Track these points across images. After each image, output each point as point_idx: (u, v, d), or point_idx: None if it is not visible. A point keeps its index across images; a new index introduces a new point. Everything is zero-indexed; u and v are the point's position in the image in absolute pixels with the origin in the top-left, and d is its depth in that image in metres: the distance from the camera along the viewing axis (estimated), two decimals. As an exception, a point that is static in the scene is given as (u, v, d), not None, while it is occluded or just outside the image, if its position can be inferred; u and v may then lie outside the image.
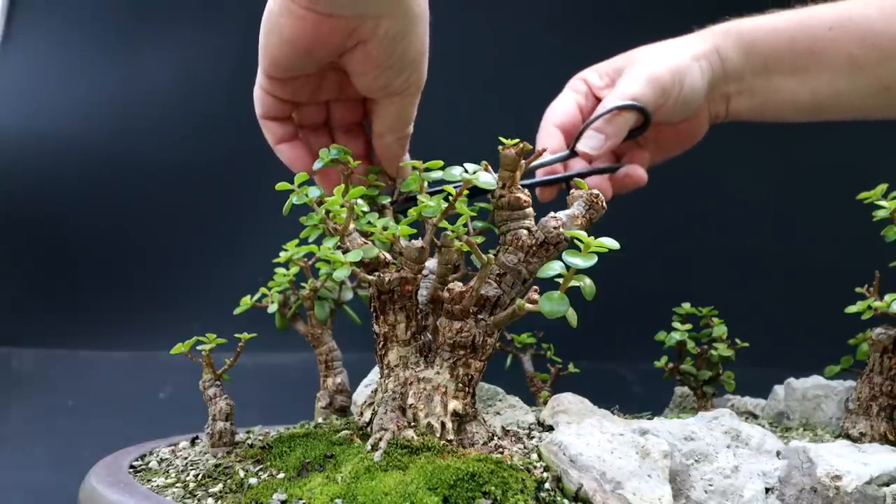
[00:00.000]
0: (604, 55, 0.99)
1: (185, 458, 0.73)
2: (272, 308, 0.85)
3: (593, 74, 0.98)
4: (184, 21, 1.48)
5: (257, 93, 0.77)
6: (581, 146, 0.91)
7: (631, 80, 0.91)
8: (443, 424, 0.64)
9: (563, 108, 0.96)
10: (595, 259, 0.57)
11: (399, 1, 0.68)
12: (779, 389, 0.92)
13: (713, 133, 1.00)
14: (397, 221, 0.67)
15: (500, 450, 0.64)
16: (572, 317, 0.60)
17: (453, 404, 0.65)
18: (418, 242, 0.65)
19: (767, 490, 0.63)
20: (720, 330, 0.93)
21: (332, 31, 0.68)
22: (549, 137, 0.94)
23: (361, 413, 0.71)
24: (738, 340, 0.93)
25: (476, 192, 0.75)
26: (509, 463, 0.59)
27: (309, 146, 0.81)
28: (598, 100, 0.96)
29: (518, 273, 0.66)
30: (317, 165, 0.75)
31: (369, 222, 0.67)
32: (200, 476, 0.65)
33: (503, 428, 0.71)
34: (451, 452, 0.61)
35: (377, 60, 0.71)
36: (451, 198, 0.65)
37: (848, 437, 0.77)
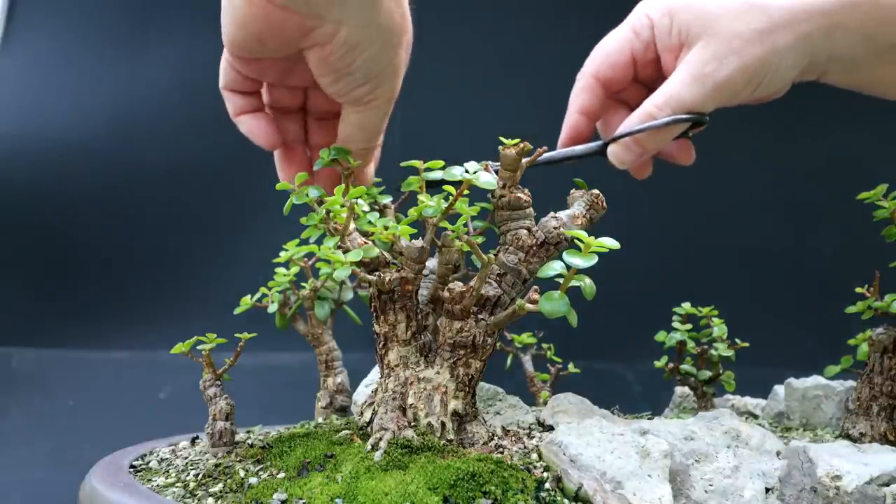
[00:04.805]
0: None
1: (186, 457, 0.73)
2: (272, 308, 0.85)
3: (663, 19, 0.76)
4: (184, 21, 1.49)
5: (222, 63, 0.73)
6: (612, 154, 0.78)
7: (691, 82, 0.73)
8: (443, 424, 0.64)
9: (612, 54, 0.80)
10: (595, 259, 0.58)
11: (363, 10, 0.65)
12: (779, 389, 0.92)
13: (713, 132, 0.99)
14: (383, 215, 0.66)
15: (501, 450, 0.64)
16: (572, 317, 0.60)
17: (453, 404, 0.65)
18: (419, 242, 0.65)
19: (767, 490, 0.63)
20: (720, 330, 0.92)
21: (283, 24, 0.65)
22: (585, 92, 0.81)
23: (362, 413, 0.71)
24: (738, 340, 0.93)
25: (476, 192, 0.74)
26: (509, 463, 0.59)
27: (276, 123, 0.77)
28: (657, 58, 0.79)
29: (518, 273, 0.67)
30: (317, 166, 0.75)
31: (370, 222, 0.67)
32: (201, 476, 0.65)
33: (503, 428, 0.71)
34: (451, 452, 0.61)
35: (334, 66, 0.68)
36: (451, 197, 0.65)
37: (848, 437, 0.77)
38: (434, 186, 0.72)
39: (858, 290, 0.81)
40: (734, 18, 0.72)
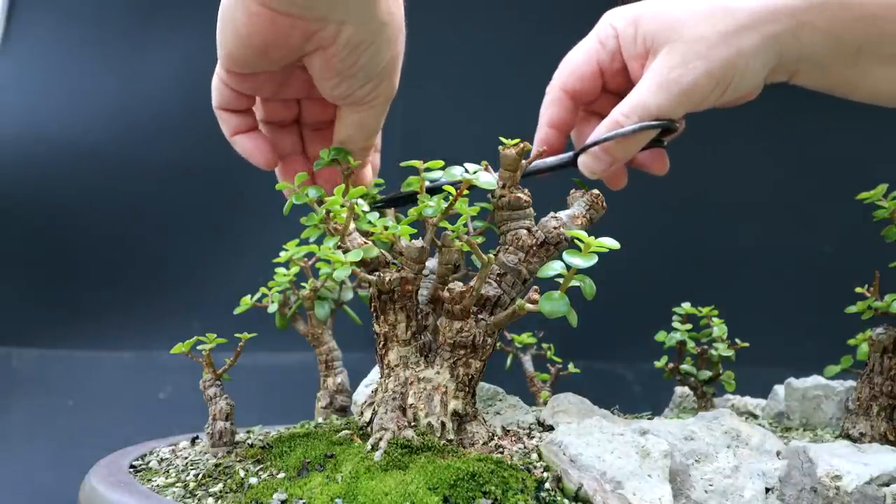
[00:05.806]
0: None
1: (186, 457, 0.73)
2: (272, 308, 0.85)
3: (628, 28, 0.76)
4: (185, 21, 1.48)
5: (215, 82, 0.73)
6: (581, 164, 0.77)
7: (657, 89, 0.71)
8: (443, 424, 0.64)
9: (579, 66, 0.79)
10: (595, 259, 0.58)
11: (364, 8, 0.64)
12: (779, 389, 0.92)
13: (712, 132, 0.99)
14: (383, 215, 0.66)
15: (501, 450, 0.64)
16: (572, 317, 0.60)
17: (453, 404, 0.65)
18: (419, 242, 0.65)
19: (767, 490, 0.63)
20: (720, 330, 0.92)
21: (288, 31, 0.64)
22: (553, 105, 0.81)
23: (361, 413, 0.71)
24: (738, 340, 0.93)
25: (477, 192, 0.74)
26: (509, 463, 0.59)
27: (272, 139, 0.77)
28: (624, 67, 0.78)
29: (518, 273, 0.67)
30: (317, 166, 0.75)
31: (370, 222, 0.67)
32: (200, 476, 0.65)
33: (503, 428, 0.71)
34: (451, 452, 0.61)
35: (337, 68, 0.67)
36: (451, 198, 0.65)
37: (848, 437, 0.77)
38: (434, 193, 0.72)
39: (858, 290, 0.81)
40: (698, 23, 0.71)
